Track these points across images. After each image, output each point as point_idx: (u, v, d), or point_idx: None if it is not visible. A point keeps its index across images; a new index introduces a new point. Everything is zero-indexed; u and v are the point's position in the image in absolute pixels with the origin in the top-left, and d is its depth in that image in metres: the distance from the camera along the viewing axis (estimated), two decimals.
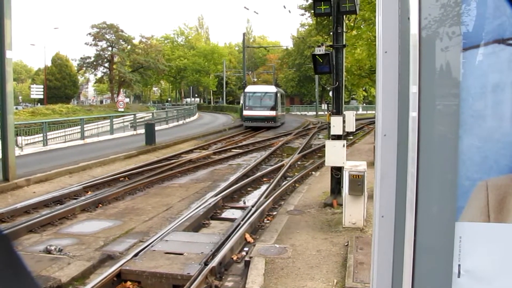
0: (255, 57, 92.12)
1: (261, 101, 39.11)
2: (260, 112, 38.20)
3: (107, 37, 67.90)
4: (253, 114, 38.20)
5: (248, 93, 40.28)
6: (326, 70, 9.69)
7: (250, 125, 37.90)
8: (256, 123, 37.74)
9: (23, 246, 8.44)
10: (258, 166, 17.81)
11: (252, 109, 38.45)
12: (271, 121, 38.32)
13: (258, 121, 37.84)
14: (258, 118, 37.96)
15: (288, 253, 7.20)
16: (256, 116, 38.10)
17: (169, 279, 6.51)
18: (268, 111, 38.39)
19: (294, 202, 11.15)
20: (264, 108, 38.41)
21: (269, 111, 38.45)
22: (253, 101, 39.16)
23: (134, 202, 12.11)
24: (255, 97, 39.56)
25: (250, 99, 39.42)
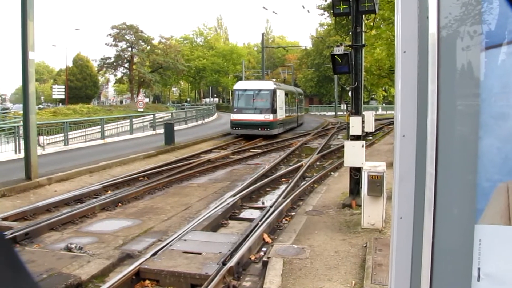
0: (274, 57, 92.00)
1: (254, 101, 30.42)
2: (252, 116, 29.47)
3: (127, 38, 68.54)
4: (242, 118, 29.50)
5: (237, 91, 31.63)
6: (345, 70, 9.63)
7: (239, 132, 29.78)
8: (246, 130, 29.31)
9: (45, 244, 8.57)
10: (276, 166, 17.80)
11: (242, 111, 29.94)
12: (266, 128, 29.25)
13: (249, 127, 29.09)
14: (249, 124, 29.09)
15: (306, 253, 7.18)
16: (247, 121, 29.23)
17: (187, 278, 6.54)
18: (262, 115, 29.46)
19: (313, 202, 11.11)
20: (257, 111, 29.69)
21: (263, 115, 29.45)
22: (243, 101, 30.77)
23: (153, 201, 12.20)
24: (246, 97, 30.79)
25: (240, 99, 30.96)
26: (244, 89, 31.25)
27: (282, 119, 31.98)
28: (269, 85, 31.59)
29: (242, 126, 29.33)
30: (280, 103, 31.39)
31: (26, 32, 13.28)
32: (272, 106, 29.82)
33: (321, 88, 78.24)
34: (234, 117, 29.90)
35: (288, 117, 35.17)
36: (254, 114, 29.47)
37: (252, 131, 28.89)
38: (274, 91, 30.34)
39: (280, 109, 31.22)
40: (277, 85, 33.34)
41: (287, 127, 34.01)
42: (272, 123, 29.50)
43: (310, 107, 75.41)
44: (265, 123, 29.21)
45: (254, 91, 30.75)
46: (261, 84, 32.29)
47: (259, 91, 30.64)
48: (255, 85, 32.45)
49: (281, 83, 41.48)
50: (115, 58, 69.77)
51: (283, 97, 32.94)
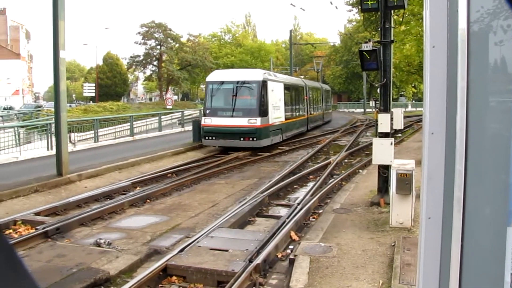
0: (302, 54, 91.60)
1: (234, 99, 21.20)
2: (231, 120, 20.62)
3: (155, 36, 69.15)
4: (217, 124, 20.58)
5: (211, 84, 22.07)
6: (374, 66, 9.50)
7: (213, 144, 21.20)
8: (223, 141, 20.60)
9: (75, 239, 8.73)
10: (304, 164, 17.72)
11: (217, 114, 20.99)
12: (251, 138, 20.24)
13: (227, 137, 20.38)
14: (227, 132, 20.30)
15: (333, 252, 7.12)
16: (223, 128, 20.41)
17: (213, 275, 6.56)
18: (245, 119, 20.38)
19: (341, 200, 11.01)
20: (239, 113, 20.73)
21: (247, 119, 20.35)
22: (219, 99, 21.69)
23: (181, 198, 12.28)
24: (223, 92, 21.66)
25: (214, 96, 21.76)
26: (220, 81, 21.70)
27: (279, 124, 22.93)
28: (256, 74, 21.90)
29: (217, 135, 20.39)
30: (275, 100, 22.48)
31: (57, 31, 13.54)
32: (260, 106, 20.51)
33: (349, 85, 77.63)
34: (206, 122, 20.86)
35: (296, 118, 27.38)
36: (233, 117, 20.55)
37: (231, 142, 20.19)
38: (263, 83, 20.84)
39: (275, 109, 22.35)
40: (272, 75, 24.04)
41: (290, 134, 25.32)
42: (259, 130, 20.11)
43: (338, 104, 74.96)
44: (249, 131, 19.95)
45: (234, 84, 21.24)
46: (245, 74, 23.03)
47: (242, 83, 21.20)
48: (237, 75, 22.77)
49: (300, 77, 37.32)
50: (144, 56, 70.49)
51: (281, 93, 24.08)
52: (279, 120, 23.06)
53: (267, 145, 21.02)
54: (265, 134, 20.81)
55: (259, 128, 20.31)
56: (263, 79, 21.22)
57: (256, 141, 20.26)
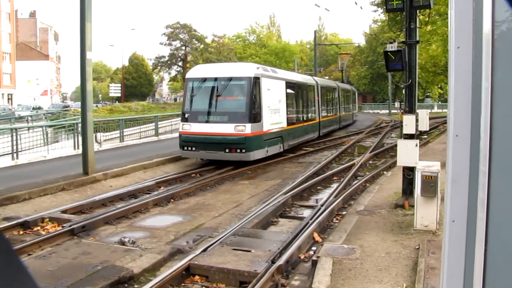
0: (327, 54, 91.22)
1: (218, 99, 17.21)
2: (214, 126, 16.65)
3: (180, 37, 69.80)
4: (197, 131, 16.83)
5: (191, 81, 18.09)
6: (398, 67, 9.40)
7: (193, 155, 17.45)
8: (205, 152, 16.77)
9: (100, 237, 8.87)
10: (328, 165, 17.64)
11: (197, 119, 17.11)
12: (239, 149, 16.30)
13: (210, 147, 16.49)
14: (209, 142, 16.49)
15: (357, 254, 7.06)
16: (204, 136, 16.60)
17: (236, 275, 6.58)
18: (231, 125, 16.48)
19: (364, 202, 10.93)
20: (224, 117, 16.79)
21: (234, 125, 16.43)
22: (200, 99, 17.67)
23: (205, 198, 12.35)
24: (205, 91, 17.64)
25: (195, 96, 17.85)
26: (201, 78, 17.75)
27: (278, 131, 18.82)
28: (247, 69, 17.74)
29: (197, 145, 16.58)
30: (272, 102, 18.37)
31: (84, 33, 13.76)
32: (250, 108, 16.48)
33: (374, 85, 77.10)
34: (184, 129, 17.12)
35: (303, 123, 23.30)
36: (217, 123, 16.58)
37: (213, 154, 16.46)
38: (255, 80, 16.81)
39: (273, 112, 18.30)
40: (269, 71, 19.39)
41: (295, 142, 21.34)
42: (249, 140, 16.17)
43: (363, 105, 74.44)
44: (235, 140, 16.11)
45: (218, 81, 17.21)
46: (233, 69, 18.66)
47: (228, 80, 17.11)
48: (222, 70, 18.50)
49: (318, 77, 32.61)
50: (170, 57, 71.20)
51: (282, 93, 19.87)
52: (278, 126, 18.76)
53: (260, 157, 16.97)
54: (257, 144, 16.62)
55: (249, 136, 16.13)
56: (255, 75, 16.91)
57: (244, 153, 16.04)
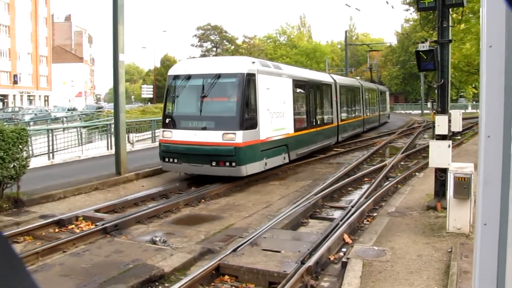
0: (358, 54, 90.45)
1: (204, 101, 14.06)
2: (198, 134, 13.61)
3: (211, 38, 70.38)
4: (179, 139, 13.95)
5: (174, 79, 14.95)
6: (430, 67, 9.24)
7: (174, 169, 14.68)
8: (187, 165, 13.89)
9: (132, 236, 9.01)
10: (359, 166, 17.46)
11: (180, 124, 14.31)
12: (228, 163, 13.25)
13: (193, 159, 13.59)
14: (192, 153, 13.60)
15: (387, 256, 6.98)
16: (187, 146, 13.67)
17: (265, 276, 6.58)
18: (218, 132, 13.38)
19: (396, 203, 10.78)
20: (211, 123, 13.71)
21: (222, 132, 13.34)
22: (183, 101, 14.90)
23: (235, 198, 12.40)
24: (190, 92, 14.72)
25: (178, 97, 14.85)
26: (186, 76, 14.57)
27: (282, 138, 15.70)
28: (239, 64, 14.44)
29: (179, 157, 13.79)
30: (274, 103, 15.24)
31: (117, 35, 14.02)
32: (242, 112, 13.42)
33: (406, 85, 76.10)
34: (165, 137, 14.33)
35: (316, 128, 19.90)
36: (202, 130, 13.59)
37: (198, 167, 13.58)
38: (248, 78, 13.69)
39: (274, 116, 15.19)
40: (270, 66, 16.38)
41: (304, 150, 18.04)
42: (240, 151, 13.12)
43: (395, 105, 73.52)
44: (224, 151, 13.17)
45: (206, 78, 14.03)
46: (222, 64, 15.01)
47: (216, 78, 13.83)
48: (210, 66, 14.89)
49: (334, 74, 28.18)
50: None
51: (287, 92, 16.68)
52: (281, 133, 15.65)
53: (255, 172, 13.85)
54: (250, 156, 13.48)
55: (240, 147, 12.99)
56: (249, 71, 13.72)
57: (235, 168, 13.04)
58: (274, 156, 15.07)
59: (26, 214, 10.40)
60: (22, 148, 11.03)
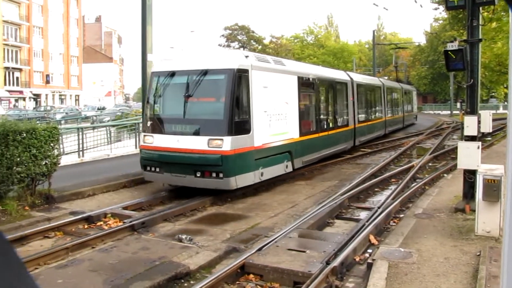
0: (386, 54, 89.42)
1: (188, 102, 11.98)
2: (181, 140, 11.70)
3: (239, 38, 70.56)
4: (159, 146, 12.01)
5: (156, 76, 12.95)
6: (459, 67, 9.09)
7: (155, 178, 12.69)
8: (169, 175, 11.96)
9: (159, 233, 9.12)
10: (386, 166, 17.29)
11: (162, 128, 12.40)
12: (215, 173, 11.34)
13: (175, 168, 11.69)
14: (173, 161, 11.67)
15: (413, 258, 6.90)
16: (168, 154, 11.80)
17: (290, 275, 6.58)
18: (204, 138, 11.45)
19: (423, 205, 10.64)
20: (194, 128, 11.85)
21: (207, 138, 11.38)
22: (166, 101, 12.94)
23: (261, 198, 12.42)
24: (173, 90, 12.54)
25: (160, 97, 12.88)
26: (169, 72, 12.64)
27: (284, 144, 13.80)
28: (228, 59, 12.36)
29: (160, 165, 12.11)
30: (273, 104, 13.21)
31: (145, 36, 14.22)
32: (230, 114, 11.54)
33: (435, 85, 74.96)
34: (146, 142, 12.49)
35: (328, 131, 17.97)
36: (185, 135, 11.85)
37: (181, 178, 11.83)
38: (239, 74, 11.78)
39: (273, 119, 13.17)
40: (270, 61, 14.04)
41: (313, 157, 16.19)
42: (228, 160, 11.32)
43: (423, 105, 72.53)
44: (208, 160, 11.41)
45: (191, 75, 12.16)
46: (209, 59, 12.62)
47: (202, 75, 11.98)
48: (196, 61, 12.68)
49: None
50: None
51: (291, 92, 14.65)
52: (283, 138, 13.73)
53: (248, 184, 12.02)
54: (241, 165, 11.64)
55: (228, 155, 11.19)
56: (241, 66, 11.73)
57: (222, 180, 11.22)
58: (273, 164, 13.18)
59: (56, 210, 10.66)
60: (53, 146, 11.30)
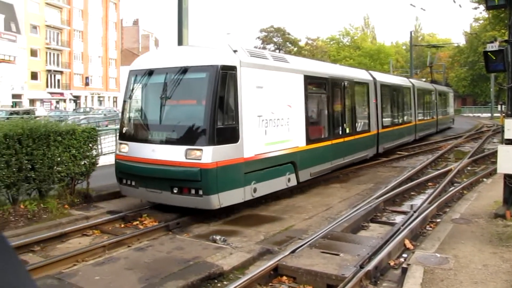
0: (424, 55, 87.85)
1: (166, 106, 10.24)
2: (156, 150, 9.91)
3: (274, 40, 70.73)
4: (134, 156, 10.26)
5: (134, 75, 11.09)
6: (500, 68, 8.87)
7: (131, 193, 10.83)
8: (145, 190, 10.17)
9: (193, 234, 9.25)
10: (423, 170, 17.03)
11: (136, 135, 10.72)
12: (194, 190, 9.47)
13: (150, 183, 9.91)
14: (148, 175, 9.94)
15: (450, 264, 6.76)
16: (142, 166, 10.01)
17: (323, 278, 6.55)
18: (181, 148, 9.55)
19: (461, 210, 10.41)
20: (172, 135, 10.01)
21: (185, 148, 9.49)
22: (142, 104, 11.15)
23: (295, 200, 12.42)
24: (150, 92, 10.87)
25: (137, 99, 11.18)
26: (147, 71, 10.79)
27: (284, 154, 11.91)
28: (211, 55, 10.16)
29: (135, 179, 10.43)
30: (270, 108, 11.28)
31: (181, 38, 14.43)
32: (211, 119, 9.50)
33: (475, 87, 73.26)
34: (121, 152, 10.80)
35: (343, 138, 15.61)
36: (161, 144, 10.06)
37: (157, 194, 10.03)
38: (224, 72, 9.78)
39: (272, 125, 11.34)
40: (263, 56, 11.82)
41: (322, 168, 14.08)
42: (208, 174, 9.33)
43: (462, 108, 71.00)
44: (186, 174, 9.49)
45: (169, 74, 10.24)
46: (190, 55, 10.56)
47: (182, 73, 10.06)
48: (175, 57, 10.68)
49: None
50: None
51: (297, 93, 12.68)
52: (284, 147, 11.86)
53: (236, 202, 10.25)
54: (226, 181, 9.76)
55: (209, 169, 9.34)
56: (225, 63, 9.90)
57: (202, 198, 9.45)
58: (269, 178, 11.28)
59: (94, 209, 10.96)
60: (92, 147, 11.60)
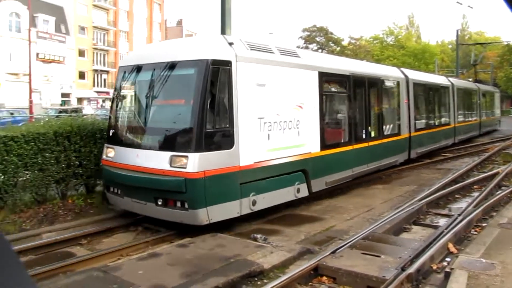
0: (471, 55, 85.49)
1: (152, 107, 9.14)
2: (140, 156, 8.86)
3: (317, 40, 70.39)
4: (119, 162, 9.27)
5: (122, 71, 10.03)
6: None
7: (116, 202, 9.93)
8: (129, 200, 9.20)
9: (234, 232, 9.34)
10: (468, 172, 16.58)
11: (121, 139, 9.64)
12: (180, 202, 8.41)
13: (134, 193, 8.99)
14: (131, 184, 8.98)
15: (496, 270, 6.57)
16: (126, 174, 9.01)
17: (364, 280, 6.51)
18: (165, 154, 8.43)
19: (508, 214, 10.09)
20: (156, 140, 8.98)
21: (170, 155, 8.35)
22: (128, 104, 10.09)
23: (337, 200, 12.37)
24: (137, 90, 9.78)
25: (124, 99, 10.14)
26: (136, 67, 9.66)
27: (289, 162, 10.49)
28: (200, 49, 9.12)
29: (120, 187, 9.46)
30: (274, 108, 9.95)
31: None
32: (198, 122, 8.30)
33: None
34: (107, 157, 9.77)
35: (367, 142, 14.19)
36: (145, 149, 8.99)
37: (142, 206, 9.01)
38: (214, 68, 8.53)
39: (276, 128, 9.99)
40: (268, 50, 10.30)
41: (342, 175, 12.79)
42: (194, 185, 8.19)
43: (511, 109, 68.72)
44: (169, 185, 8.36)
45: (156, 70, 9.06)
46: (178, 49, 9.68)
47: (169, 69, 8.84)
48: (164, 52, 9.76)
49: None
50: None
51: (309, 92, 11.25)
52: (291, 153, 10.55)
53: (229, 217, 9.13)
54: (217, 193, 8.68)
55: (195, 179, 8.23)
56: (217, 57, 8.76)
57: (188, 212, 8.44)
58: (273, 189, 10.04)
59: None
60: None
